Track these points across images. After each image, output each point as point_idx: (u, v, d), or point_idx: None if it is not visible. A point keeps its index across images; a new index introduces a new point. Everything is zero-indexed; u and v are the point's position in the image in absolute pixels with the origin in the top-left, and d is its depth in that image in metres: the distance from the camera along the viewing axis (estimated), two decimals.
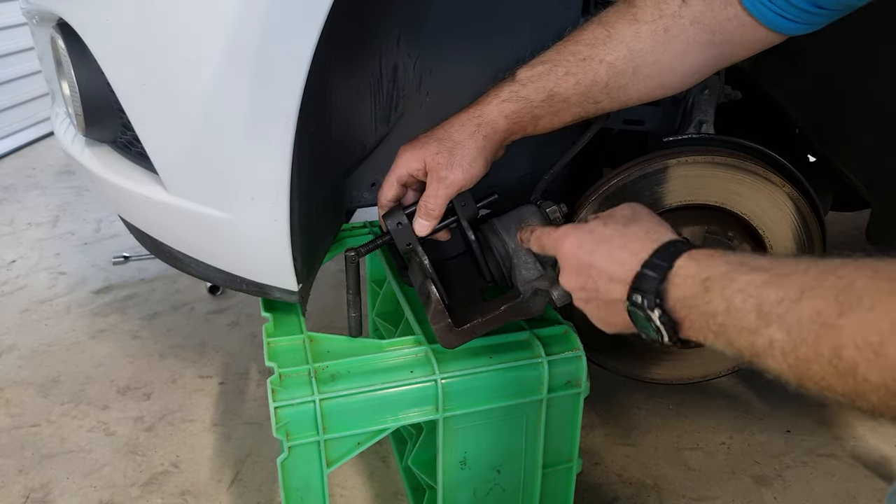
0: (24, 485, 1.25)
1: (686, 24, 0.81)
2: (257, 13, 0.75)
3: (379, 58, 1.05)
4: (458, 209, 0.93)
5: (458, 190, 0.89)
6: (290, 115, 0.80)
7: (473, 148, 0.88)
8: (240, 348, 1.65)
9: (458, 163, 0.87)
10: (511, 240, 0.91)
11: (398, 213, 0.93)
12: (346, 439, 0.88)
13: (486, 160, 0.89)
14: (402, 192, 0.94)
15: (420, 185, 0.92)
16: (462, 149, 0.88)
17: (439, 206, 0.89)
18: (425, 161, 0.88)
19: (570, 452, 1.00)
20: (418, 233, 0.92)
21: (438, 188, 0.88)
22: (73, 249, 2.22)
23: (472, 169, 0.88)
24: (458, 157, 0.88)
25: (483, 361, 0.92)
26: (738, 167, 1.09)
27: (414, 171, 0.90)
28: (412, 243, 0.93)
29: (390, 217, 0.93)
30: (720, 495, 1.22)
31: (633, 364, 1.25)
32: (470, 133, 0.88)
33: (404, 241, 0.93)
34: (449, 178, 0.87)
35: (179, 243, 1.04)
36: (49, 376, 1.55)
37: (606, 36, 0.84)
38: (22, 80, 3.32)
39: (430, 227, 0.91)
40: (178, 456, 1.31)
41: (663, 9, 0.81)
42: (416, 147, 0.90)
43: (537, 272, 0.89)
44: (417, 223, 0.91)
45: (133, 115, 0.89)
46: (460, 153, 0.88)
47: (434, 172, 0.88)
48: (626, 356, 1.24)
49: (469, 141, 0.88)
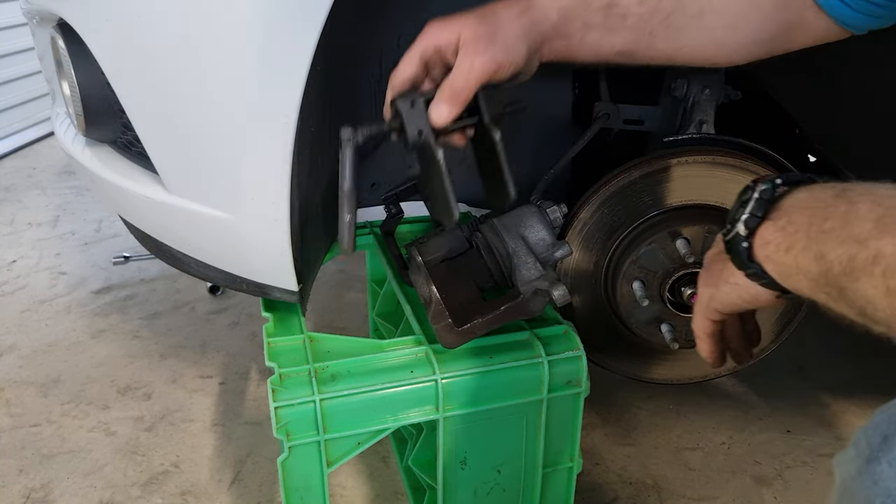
0: (24, 485, 1.25)
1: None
2: (258, 13, 0.75)
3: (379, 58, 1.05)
4: (482, 103, 0.78)
5: (494, 74, 0.75)
6: (291, 115, 0.80)
7: (519, 27, 0.75)
8: (240, 348, 1.65)
9: (501, 38, 0.74)
10: (511, 240, 0.90)
11: (413, 94, 0.77)
12: (346, 439, 0.88)
13: (528, 48, 0.77)
14: (421, 74, 0.79)
15: (444, 71, 0.77)
16: (507, 25, 0.75)
17: (469, 87, 0.75)
18: (460, 33, 0.74)
19: (571, 452, 1.00)
20: (435, 121, 0.76)
21: (473, 65, 0.73)
22: (73, 249, 2.22)
23: (514, 51, 0.75)
24: (502, 32, 0.74)
25: (483, 361, 0.92)
26: (738, 167, 1.09)
27: (444, 44, 0.75)
28: (424, 132, 0.76)
29: (403, 97, 0.77)
30: (720, 495, 1.22)
31: (633, 364, 1.25)
32: (516, 14, 0.76)
33: (415, 126, 0.76)
34: (487, 55, 0.73)
35: (180, 243, 1.04)
36: (49, 376, 1.55)
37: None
38: (22, 80, 3.32)
39: (450, 116, 0.76)
40: (179, 456, 1.31)
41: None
42: (449, 19, 0.76)
43: (537, 272, 0.89)
44: (436, 108, 0.76)
45: (133, 115, 0.89)
46: (504, 29, 0.75)
47: (469, 45, 0.74)
48: (626, 356, 1.24)
49: (515, 20, 0.76)
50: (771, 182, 0.58)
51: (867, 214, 0.47)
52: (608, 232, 1.13)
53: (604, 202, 1.11)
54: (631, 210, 1.12)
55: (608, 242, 1.14)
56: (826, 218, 0.51)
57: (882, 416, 0.48)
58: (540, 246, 0.91)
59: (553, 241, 0.92)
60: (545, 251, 0.91)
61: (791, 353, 1.54)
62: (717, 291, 0.66)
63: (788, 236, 0.54)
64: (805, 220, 0.53)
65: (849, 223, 0.48)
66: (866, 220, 0.47)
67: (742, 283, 0.62)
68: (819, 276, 0.51)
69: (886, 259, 0.45)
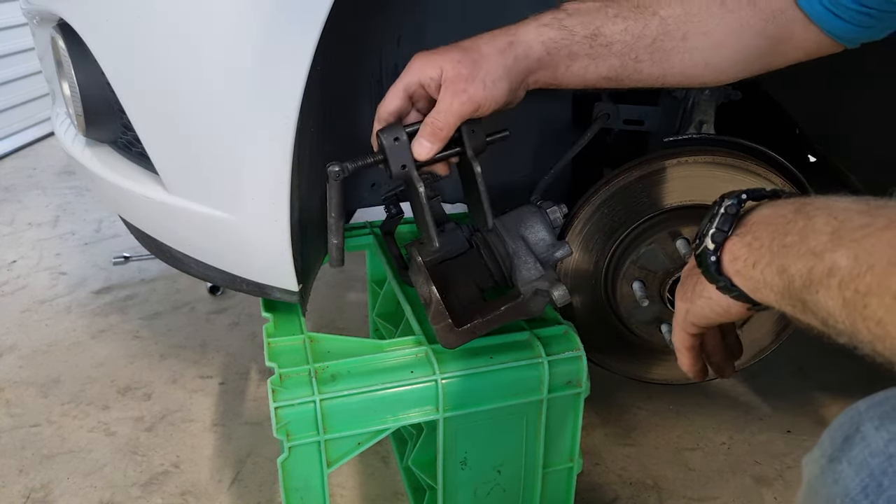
0: (24, 485, 1.25)
1: (743, 2, 0.77)
2: (258, 13, 0.75)
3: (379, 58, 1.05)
4: (465, 137, 0.80)
5: (474, 111, 0.77)
6: (291, 115, 0.80)
7: (501, 66, 0.76)
8: (240, 348, 1.65)
9: (482, 78, 0.75)
10: (511, 240, 0.90)
11: (397, 128, 0.80)
12: (346, 439, 0.88)
13: (510, 86, 0.78)
14: (406, 107, 0.81)
15: (428, 104, 0.80)
16: (488, 63, 0.76)
17: (449, 125, 0.77)
18: (443, 69, 0.76)
19: (571, 452, 1.00)
20: (418, 155, 0.79)
21: (453, 103, 0.76)
22: (73, 250, 2.22)
23: (495, 89, 0.76)
24: (483, 71, 0.75)
25: (483, 361, 0.92)
26: (738, 167, 1.09)
27: (427, 80, 0.77)
28: (407, 166, 0.80)
29: (387, 131, 0.79)
30: (720, 495, 1.22)
31: (633, 364, 1.25)
32: (500, 49, 0.77)
33: (399, 160, 0.79)
34: (467, 93, 0.75)
35: (180, 243, 1.04)
36: (49, 376, 1.55)
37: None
38: (22, 81, 3.32)
39: (432, 151, 0.79)
40: (179, 456, 1.31)
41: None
42: (434, 53, 0.77)
43: (537, 272, 0.89)
44: (418, 143, 0.79)
45: (133, 116, 0.89)
46: (485, 68, 0.75)
47: (451, 84, 0.75)
48: (626, 356, 1.24)
49: (497, 57, 0.76)
50: (737, 197, 0.60)
51: (823, 228, 0.49)
52: (608, 232, 1.13)
53: (604, 202, 1.11)
54: (631, 210, 1.12)
55: (608, 242, 1.14)
56: (787, 233, 0.52)
57: (845, 416, 0.49)
58: (540, 246, 0.91)
59: (553, 241, 0.92)
60: (545, 251, 0.91)
61: (791, 353, 1.54)
62: (693, 305, 0.67)
63: (754, 252, 0.56)
64: (768, 236, 0.54)
65: (806, 237, 0.50)
66: (822, 234, 0.48)
67: (714, 296, 0.63)
68: (783, 290, 0.52)
69: (841, 271, 0.46)
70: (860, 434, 0.46)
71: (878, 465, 0.44)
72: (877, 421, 0.46)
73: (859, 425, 0.47)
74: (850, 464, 0.46)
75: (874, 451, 0.45)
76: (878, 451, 0.44)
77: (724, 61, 0.81)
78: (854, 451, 0.46)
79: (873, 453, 0.45)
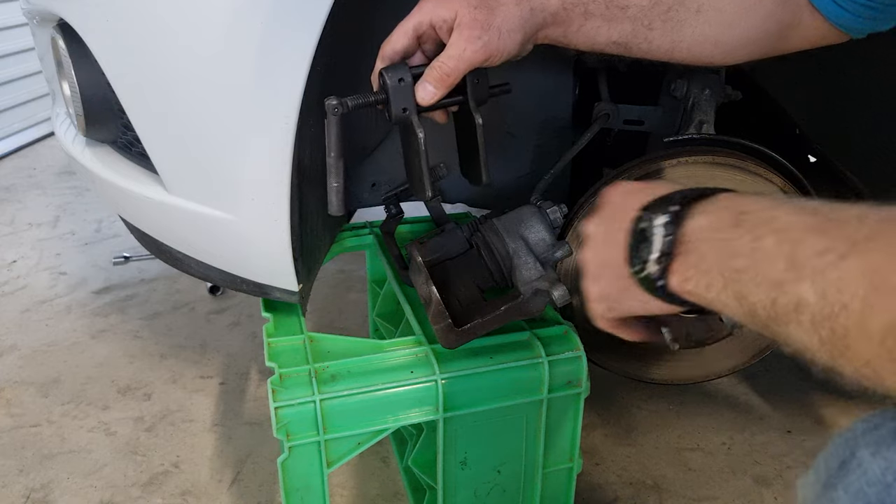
0: (24, 485, 1.25)
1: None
2: (257, 14, 0.75)
3: None
4: (469, 86, 0.79)
5: (485, 60, 0.75)
6: (291, 115, 0.80)
7: (517, 16, 0.74)
8: (240, 348, 1.65)
9: (497, 26, 0.73)
10: (511, 240, 0.90)
11: (402, 69, 0.77)
12: (346, 439, 0.88)
13: (524, 38, 0.76)
14: (413, 47, 0.78)
15: (437, 47, 0.78)
16: (505, 12, 0.74)
17: (458, 72, 0.75)
18: (458, 12, 0.73)
19: (571, 452, 1.00)
20: (421, 100, 0.77)
21: (466, 49, 0.73)
22: (73, 250, 2.22)
23: (509, 40, 0.74)
24: (499, 19, 0.73)
25: (483, 361, 0.92)
26: (738, 167, 1.09)
27: (439, 22, 0.75)
28: (409, 109, 0.78)
29: (392, 71, 0.77)
30: (720, 495, 1.22)
31: (633, 364, 1.25)
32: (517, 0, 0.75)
33: (401, 103, 0.77)
34: (482, 40, 0.73)
35: (180, 243, 1.04)
36: (49, 376, 1.55)
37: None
38: (22, 81, 3.32)
39: (436, 96, 0.77)
40: (179, 456, 1.31)
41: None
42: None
43: (537, 272, 0.89)
44: (423, 87, 0.76)
45: (133, 116, 0.90)
46: (502, 16, 0.74)
47: (465, 29, 0.73)
48: (626, 356, 1.24)
49: (514, 7, 0.74)
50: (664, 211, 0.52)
51: (775, 251, 0.44)
52: None
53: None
54: None
55: None
56: (734, 254, 0.46)
57: (839, 440, 0.47)
58: (540, 246, 0.91)
59: (553, 241, 0.92)
60: (545, 251, 0.91)
61: None
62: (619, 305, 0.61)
63: (704, 274, 0.49)
64: (714, 256, 0.48)
65: (758, 262, 0.45)
66: (776, 259, 0.43)
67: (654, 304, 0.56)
68: (746, 316, 0.47)
69: (811, 308, 0.41)
70: (856, 460, 0.45)
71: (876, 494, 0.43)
72: (873, 447, 0.45)
73: (854, 450, 0.46)
74: (846, 491, 0.45)
75: (871, 480, 0.44)
76: (875, 481, 0.43)
77: (732, 40, 0.80)
78: (850, 479, 0.45)
79: (870, 482, 0.44)
